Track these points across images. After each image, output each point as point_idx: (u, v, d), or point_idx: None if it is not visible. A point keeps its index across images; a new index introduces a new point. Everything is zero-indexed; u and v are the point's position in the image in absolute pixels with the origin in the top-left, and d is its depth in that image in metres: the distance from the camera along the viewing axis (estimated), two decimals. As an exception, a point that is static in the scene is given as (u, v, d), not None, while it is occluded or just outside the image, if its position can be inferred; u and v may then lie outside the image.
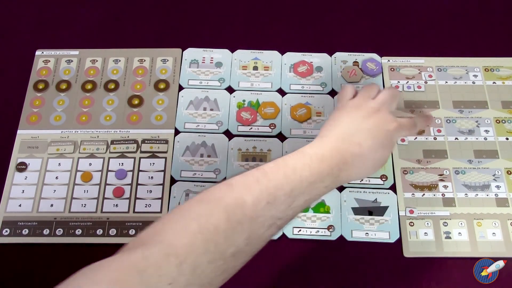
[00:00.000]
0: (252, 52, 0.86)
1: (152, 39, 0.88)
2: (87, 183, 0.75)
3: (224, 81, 0.83)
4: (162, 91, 0.82)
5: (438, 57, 0.84)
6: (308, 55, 0.85)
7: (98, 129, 0.79)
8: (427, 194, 0.74)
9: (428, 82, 0.82)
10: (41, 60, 0.85)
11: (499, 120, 0.79)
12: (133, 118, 0.80)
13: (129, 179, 0.75)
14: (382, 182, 0.75)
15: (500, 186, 0.74)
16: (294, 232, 0.72)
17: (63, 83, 0.83)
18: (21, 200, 0.74)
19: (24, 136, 0.79)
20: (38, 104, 0.81)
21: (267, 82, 0.83)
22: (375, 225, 0.72)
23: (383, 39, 0.87)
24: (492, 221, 0.72)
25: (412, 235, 0.71)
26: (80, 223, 0.72)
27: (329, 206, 0.73)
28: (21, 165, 0.76)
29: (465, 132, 0.78)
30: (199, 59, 0.85)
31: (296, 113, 0.80)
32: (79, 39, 0.88)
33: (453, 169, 0.75)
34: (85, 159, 0.77)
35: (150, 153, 0.77)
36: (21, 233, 0.72)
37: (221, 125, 0.80)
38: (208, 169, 0.76)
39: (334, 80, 0.83)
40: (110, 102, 0.82)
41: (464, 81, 0.82)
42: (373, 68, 0.84)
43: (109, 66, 0.85)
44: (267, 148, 0.77)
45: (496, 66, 0.83)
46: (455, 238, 0.71)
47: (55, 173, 0.76)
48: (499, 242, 0.70)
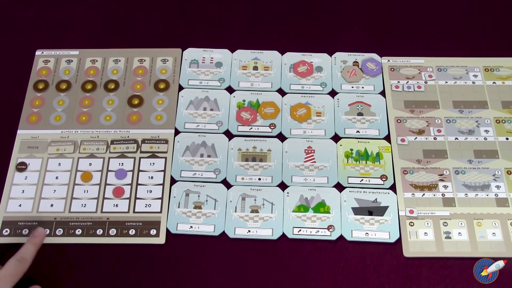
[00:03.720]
0: (252, 52, 0.86)
1: (152, 39, 0.88)
2: (87, 183, 0.75)
3: (224, 81, 0.83)
4: (162, 91, 0.82)
5: (438, 57, 0.84)
6: (308, 55, 0.85)
7: (98, 129, 0.79)
8: (427, 194, 0.74)
9: (428, 82, 0.82)
10: (41, 60, 0.85)
11: (499, 120, 0.79)
12: (133, 118, 0.80)
13: (129, 179, 0.75)
14: (382, 182, 0.75)
15: (500, 186, 0.74)
16: (294, 232, 0.72)
17: (63, 83, 0.83)
18: (21, 200, 0.74)
19: (24, 136, 0.79)
20: (38, 104, 0.81)
21: (267, 82, 0.83)
22: (375, 225, 0.72)
23: (383, 39, 0.87)
24: (492, 221, 0.72)
25: (412, 235, 0.71)
26: (80, 223, 0.72)
27: (329, 206, 0.73)
28: (21, 165, 0.76)
29: (465, 132, 0.78)
30: (199, 59, 0.85)
31: (296, 113, 0.80)
32: (79, 39, 0.88)
33: (453, 169, 0.75)
34: (85, 159, 0.77)
35: (150, 153, 0.77)
36: (21, 233, 0.72)
37: (221, 125, 0.80)
38: (208, 169, 0.76)
39: (334, 80, 0.83)
40: (110, 102, 0.82)
41: (464, 81, 0.82)
42: (373, 68, 0.84)
43: (109, 66, 0.85)
44: (267, 148, 0.78)
45: (496, 66, 0.83)
46: (455, 238, 0.71)
47: (55, 173, 0.76)
48: (499, 242, 0.70)
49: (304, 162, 0.76)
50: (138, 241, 0.71)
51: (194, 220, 0.73)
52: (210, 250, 0.71)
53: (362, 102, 0.81)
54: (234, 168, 0.76)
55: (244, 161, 0.77)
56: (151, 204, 0.74)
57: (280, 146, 0.78)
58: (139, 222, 0.72)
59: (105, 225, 0.72)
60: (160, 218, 0.73)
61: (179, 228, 0.72)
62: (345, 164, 0.76)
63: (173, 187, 0.75)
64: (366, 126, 0.79)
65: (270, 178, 0.75)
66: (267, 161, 0.77)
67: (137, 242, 0.71)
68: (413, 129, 0.78)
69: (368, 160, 0.76)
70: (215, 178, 0.76)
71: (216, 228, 0.72)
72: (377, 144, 0.78)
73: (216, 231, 0.72)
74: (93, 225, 0.72)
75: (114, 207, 0.74)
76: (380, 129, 0.79)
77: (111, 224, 0.72)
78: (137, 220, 0.73)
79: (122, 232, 0.72)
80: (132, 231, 0.72)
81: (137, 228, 0.72)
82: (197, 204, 0.74)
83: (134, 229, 0.72)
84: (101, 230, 0.72)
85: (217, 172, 0.76)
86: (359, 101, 0.81)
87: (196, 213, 0.73)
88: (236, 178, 0.75)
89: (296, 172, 0.76)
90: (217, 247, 0.71)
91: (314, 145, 0.78)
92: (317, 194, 0.74)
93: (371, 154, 0.77)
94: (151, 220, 0.73)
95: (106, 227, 0.72)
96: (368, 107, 0.81)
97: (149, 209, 0.73)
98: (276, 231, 0.72)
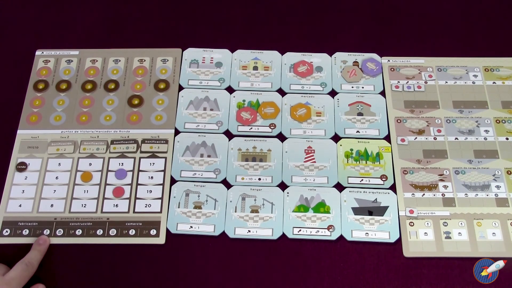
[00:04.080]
0: (252, 52, 0.86)
1: (152, 39, 0.88)
2: (87, 183, 0.75)
3: (224, 81, 0.83)
4: (162, 91, 0.82)
5: (438, 57, 0.84)
6: (308, 55, 0.85)
7: (98, 129, 0.79)
8: (427, 194, 0.74)
9: (428, 82, 0.82)
10: (41, 60, 0.85)
11: (499, 120, 0.79)
12: (133, 118, 0.80)
13: (129, 179, 0.75)
14: (382, 182, 0.75)
15: (500, 186, 0.74)
16: (294, 232, 0.72)
17: (63, 83, 0.83)
18: (21, 200, 0.74)
19: (24, 136, 0.79)
20: (38, 104, 0.81)
21: (267, 82, 0.83)
22: (375, 225, 0.72)
23: (383, 39, 0.87)
24: (492, 221, 0.72)
25: (412, 235, 0.71)
26: (80, 223, 0.72)
27: (329, 206, 0.73)
28: (21, 165, 0.76)
29: (465, 132, 0.78)
30: (199, 59, 0.85)
31: (296, 113, 0.80)
32: (79, 39, 0.88)
33: (453, 169, 0.75)
34: (85, 159, 0.77)
35: (150, 153, 0.77)
36: (21, 233, 0.72)
37: (221, 125, 0.80)
38: (208, 169, 0.76)
39: (334, 80, 0.83)
40: (110, 102, 0.82)
41: (464, 81, 0.82)
42: (373, 68, 0.84)
43: (109, 66, 0.85)
44: (267, 148, 0.77)
45: (496, 66, 0.83)
46: (455, 238, 0.71)
47: (55, 173, 0.76)
48: (499, 242, 0.70)
49: (304, 162, 0.76)
50: (138, 241, 0.71)
51: (194, 220, 0.73)
52: (210, 250, 0.71)
53: (362, 102, 0.81)
54: (234, 168, 0.76)
55: (244, 161, 0.77)
56: (151, 204, 0.74)
57: (280, 146, 0.78)
58: (139, 222, 0.72)
59: (105, 225, 0.72)
60: (160, 218, 0.73)
61: (179, 228, 0.72)
62: (345, 164, 0.76)
63: (173, 187, 0.75)
64: (366, 126, 0.79)
65: (270, 178, 0.75)
66: (267, 161, 0.77)
67: (137, 242, 0.71)
68: (413, 129, 0.78)
69: (368, 160, 0.76)
70: (215, 178, 0.76)
71: (216, 228, 0.72)
72: (377, 144, 0.78)
73: (216, 231, 0.72)
74: (93, 225, 0.72)
75: (114, 207, 0.74)
76: (380, 129, 0.79)
77: (111, 224, 0.72)
78: (137, 220, 0.73)
79: (122, 232, 0.72)
80: (132, 231, 0.72)
81: (137, 228, 0.72)
82: (197, 204, 0.74)
83: (134, 229, 0.72)
84: (101, 230, 0.72)
85: (217, 172, 0.76)
86: (359, 101, 0.81)
87: (196, 213, 0.73)
88: (236, 178, 0.75)
89: (296, 172, 0.76)
90: (217, 247, 0.71)
91: (314, 145, 0.78)
92: (317, 194, 0.74)
93: (371, 154, 0.77)
94: (151, 220, 0.73)
95: (106, 227, 0.72)
96: (368, 107, 0.81)
97: (149, 209, 0.73)
98: (276, 231, 0.72)
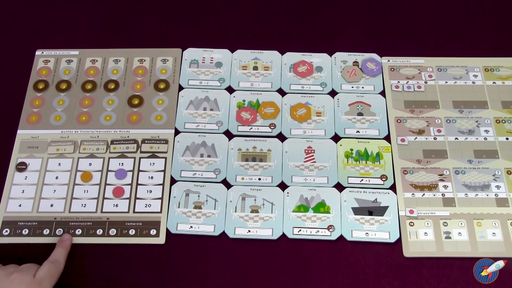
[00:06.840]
0: (252, 52, 0.86)
1: (152, 39, 0.88)
2: (87, 183, 0.75)
3: (224, 81, 0.83)
4: (162, 91, 0.82)
5: (438, 57, 0.84)
6: (308, 55, 0.85)
7: (98, 129, 0.79)
8: (427, 194, 0.74)
9: (428, 82, 0.82)
10: (41, 60, 0.85)
11: (499, 120, 0.79)
12: (133, 118, 0.80)
13: (129, 179, 0.75)
14: (382, 182, 0.75)
15: (500, 186, 0.74)
16: (294, 232, 0.72)
17: (63, 83, 0.83)
18: (21, 200, 0.74)
19: (24, 136, 0.79)
20: (38, 104, 0.81)
21: (267, 82, 0.83)
22: (375, 225, 0.72)
23: (383, 39, 0.87)
24: (492, 221, 0.72)
25: (412, 235, 0.71)
26: (80, 223, 0.72)
27: (329, 206, 0.73)
28: (21, 165, 0.76)
29: (465, 132, 0.78)
30: (199, 59, 0.85)
31: (296, 113, 0.80)
32: (79, 39, 0.88)
33: (453, 169, 0.75)
34: (85, 159, 0.77)
35: (150, 153, 0.77)
36: (21, 233, 0.72)
37: (221, 125, 0.80)
38: (208, 169, 0.76)
39: (334, 80, 0.83)
40: (110, 102, 0.82)
41: (464, 81, 0.82)
42: (373, 68, 0.84)
43: (109, 66, 0.85)
44: (267, 148, 0.77)
45: (496, 66, 0.83)
46: (455, 238, 0.71)
47: (55, 173, 0.76)
48: (499, 242, 0.70)
49: (304, 162, 0.76)
50: (138, 241, 0.71)
51: (194, 220, 0.73)
52: (210, 250, 0.71)
53: (362, 102, 0.81)
54: (234, 168, 0.76)
55: (244, 161, 0.77)
56: (151, 204, 0.74)
57: (280, 146, 0.78)
58: (139, 222, 0.72)
59: (105, 225, 0.72)
60: (160, 218, 0.73)
61: (179, 228, 0.72)
62: (345, 164, 0.76)
63: (173, 187, 0.75)
64: (366, 126, 0.79)
65: (270, 178, 0.75)
66: (267, 161, 0.77)
67: (137, 242, 0.71)
68: (413, 129, 0.78)
69: (368, 160, 0.76)
70: (215, 178, 0.76)
71: (216, 228, 0.72)
72: (377, 144, 0.78)
73: (216, 231, 0.72)
74: (93, 225, 0.72)
75: (114, 207, 0.74)
76: (380, 129, 0.79)
77: (111, 224, 0.72)
78: (137, 220, 0.73)
79: (122, 232, 0.72)
80: (132, 231, 0.72)
81: (137, 228, 0.72)
82: (197, 204, 0.74)
83: (134, 229, 0.72)
84: (101, 230, 0.72)
85: (217, 172, 0.76)
86: (359, 101, 0.81)
87: (196, 213, 0.73)
88: (236, 178, 0.75)
89: (296, 172, 0.76)
90: (217, 247, 0.71)
91: (314, 145, 0.78)
92: (317, 194, 0.74)
93: (371, 154, 0.77)
94: (151, 220, 0.73)
95: (106, 227, 0.72)
96: (368, 107, 0.81)
97: (149, 209, 0.73)
98: (276, 231, 0.72)
